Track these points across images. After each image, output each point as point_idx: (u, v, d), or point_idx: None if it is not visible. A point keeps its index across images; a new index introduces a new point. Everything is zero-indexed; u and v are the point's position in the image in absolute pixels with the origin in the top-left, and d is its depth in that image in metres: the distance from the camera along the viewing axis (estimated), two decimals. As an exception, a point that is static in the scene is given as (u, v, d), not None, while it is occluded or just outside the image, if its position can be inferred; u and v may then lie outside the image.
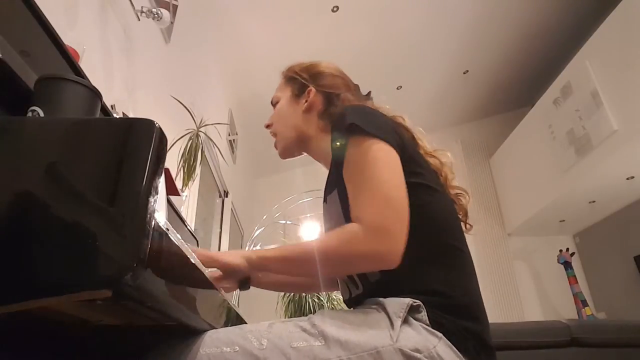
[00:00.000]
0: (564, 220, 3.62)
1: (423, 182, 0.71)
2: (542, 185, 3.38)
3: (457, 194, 0.82)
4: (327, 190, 0.82)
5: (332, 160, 0.77)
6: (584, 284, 3.62)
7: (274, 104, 0.96)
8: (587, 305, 3.27)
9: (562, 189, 3.13)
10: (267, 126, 0.97)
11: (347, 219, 0.68)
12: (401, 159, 0.70)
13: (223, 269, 0.74)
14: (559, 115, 3.14)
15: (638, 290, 3.12)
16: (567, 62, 3.03)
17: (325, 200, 0.85)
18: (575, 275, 3.40)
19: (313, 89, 0.89)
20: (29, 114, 0.47)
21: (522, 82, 4.05)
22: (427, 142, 0.84)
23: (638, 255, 3.11)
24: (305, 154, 0.96)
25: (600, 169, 2.78)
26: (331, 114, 0.85)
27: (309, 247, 0.68)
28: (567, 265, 3.45)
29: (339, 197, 0.74)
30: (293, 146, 0.93)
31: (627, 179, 2.87)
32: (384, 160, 0.67)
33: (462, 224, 0.78)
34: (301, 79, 0.91)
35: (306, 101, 0.89)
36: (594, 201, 3.23)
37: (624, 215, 3.29)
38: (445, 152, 0.84)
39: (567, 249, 3.54)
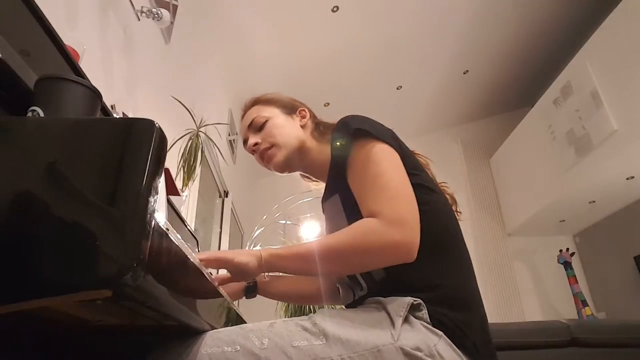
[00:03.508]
0: (564, 220, 3.62)
1: (421, 182, 0.73)
2: (542, 185, 3.38)
3: (441, 185, 0.85)
4: (325, 197, 0.83)
5: (332, 164, 0.77)
6: (584, 284, 3.62)
7: (260, 124, 0.91)
8: (587, 305, 3.27)
9: (562, 189, 3.13)
10: (256, 144, 0.91)
11: (351, 220, 0.68)
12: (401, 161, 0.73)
13: (233, 270, 0.72)
14: (559, 115, 3.14)
15: (638, 290, 3.12)
16: (567, 62, 3.04)
17: (323, 209, 0.87)
18: (575, 275, 3.40)
19: (306, 107, 0.95)
20: (29, 114, 0.47)
21: (522, 82, 4.05)
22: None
23: (638, 255, 3.11)
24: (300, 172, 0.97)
25: (600, 169, 2.78)
26: (325, 125, 0.91)
27: (325, 243, 0.67)
28: (567, 265, 3.45)
29: (341, 201, 0.76)
30: (294, 156, 0.89)
31: (627, 179, 2.87)
32: (388, 159, 0.70)
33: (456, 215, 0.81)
34: (282, 101, 0.96)
35: (302, 118, 0.93)
36: (594, 201, 3.23)
37: (624, 215, 3.29)
38: (421, 155, 0.87)
39: (567, 249, 3.54)
